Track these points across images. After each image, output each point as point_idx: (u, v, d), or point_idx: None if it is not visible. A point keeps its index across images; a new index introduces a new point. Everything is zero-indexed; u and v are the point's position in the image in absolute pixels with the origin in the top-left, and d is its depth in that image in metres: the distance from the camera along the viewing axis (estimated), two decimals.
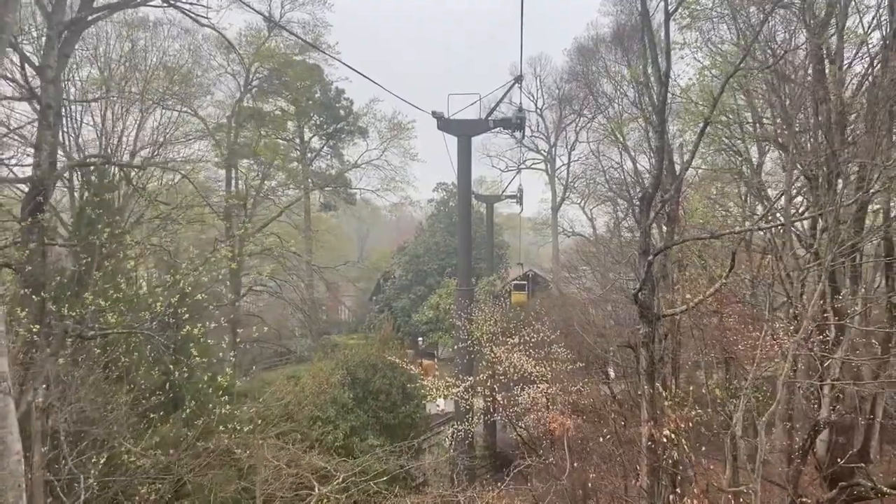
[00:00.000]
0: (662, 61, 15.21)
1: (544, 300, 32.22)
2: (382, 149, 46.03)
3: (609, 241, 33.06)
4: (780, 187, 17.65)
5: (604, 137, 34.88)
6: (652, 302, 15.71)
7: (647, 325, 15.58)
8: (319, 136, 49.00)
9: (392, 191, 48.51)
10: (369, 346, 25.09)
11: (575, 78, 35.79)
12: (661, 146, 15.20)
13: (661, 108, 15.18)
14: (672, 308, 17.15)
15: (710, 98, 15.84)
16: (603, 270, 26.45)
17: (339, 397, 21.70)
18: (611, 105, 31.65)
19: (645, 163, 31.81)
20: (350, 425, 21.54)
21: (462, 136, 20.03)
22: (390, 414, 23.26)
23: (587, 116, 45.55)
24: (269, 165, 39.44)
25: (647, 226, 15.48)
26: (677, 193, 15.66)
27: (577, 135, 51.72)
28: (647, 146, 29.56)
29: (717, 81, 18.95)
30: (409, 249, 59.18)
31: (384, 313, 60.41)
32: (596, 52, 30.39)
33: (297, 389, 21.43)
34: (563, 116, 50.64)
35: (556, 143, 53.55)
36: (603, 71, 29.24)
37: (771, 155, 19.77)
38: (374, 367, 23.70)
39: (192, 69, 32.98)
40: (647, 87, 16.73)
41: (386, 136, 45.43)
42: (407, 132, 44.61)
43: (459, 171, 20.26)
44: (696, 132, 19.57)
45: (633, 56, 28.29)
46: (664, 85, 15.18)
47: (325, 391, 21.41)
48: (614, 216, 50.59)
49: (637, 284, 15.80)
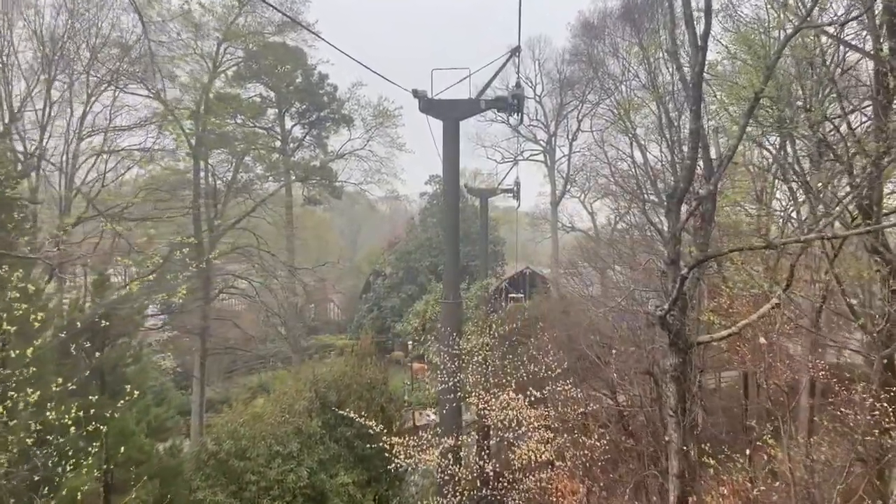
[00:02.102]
0: (699, 24, 12.02)
1: (544, 307, 29.11)
2: (367, 138, 42.52)
3: (618, 240, 29.85)
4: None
5: (611, 124, 31.66)
6: (683, 326, 12.54)
7: (678, 354, 12.42)
8: (302, 125, 45.53)
9: (377, 184, 45.05)
10: (344, 363, 21.91)
11: (578, 58, 32.48)
12: (696, 129, 11.95)
13: (697, 80, 11.93)
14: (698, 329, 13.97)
15: (758, 68, 12.57)
16: (612, 277, 23.27)
17: (306, 427, 18.48)
18: (617, 89, 28.39)
19: (655, 151, 28.69)
20: (318, 459, 18.34)
21: (448, 120, 16.72)
22: (366, 442, 20.08)
23: (591, 102, 42.22)
24: (244, 156, 35.99)
25: (679, 230, 12.28)
26: (716, 188, 12.44)
27: (579, 123, 48.30)
28: (658, 135, 26.43)
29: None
30: (400, 246, 56.00)
31: (374, 313, 57.28)
32: (602, 28, 27.13)
33: (253, 419, 18.21)
34: (565, 103, 47.15)
35: (556, 133, 50.18)
36: (610, 50, 25.98)
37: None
38: (348, 389, 20.50)
39: (154, 48, 29.52)
40: (674, 57, 13.46)
41: (371, 124, 41.92)
42: (393, 120, 41.12)
43: (445, 160, 16.99)
44: (724, 118, 16.35)
45: (644, 35, 25.04)
46: (702, 49, 11.94)
47: (288, 421, 18.19)
48: (616, 212, 47.48)
49: (663, 302, 12.62)
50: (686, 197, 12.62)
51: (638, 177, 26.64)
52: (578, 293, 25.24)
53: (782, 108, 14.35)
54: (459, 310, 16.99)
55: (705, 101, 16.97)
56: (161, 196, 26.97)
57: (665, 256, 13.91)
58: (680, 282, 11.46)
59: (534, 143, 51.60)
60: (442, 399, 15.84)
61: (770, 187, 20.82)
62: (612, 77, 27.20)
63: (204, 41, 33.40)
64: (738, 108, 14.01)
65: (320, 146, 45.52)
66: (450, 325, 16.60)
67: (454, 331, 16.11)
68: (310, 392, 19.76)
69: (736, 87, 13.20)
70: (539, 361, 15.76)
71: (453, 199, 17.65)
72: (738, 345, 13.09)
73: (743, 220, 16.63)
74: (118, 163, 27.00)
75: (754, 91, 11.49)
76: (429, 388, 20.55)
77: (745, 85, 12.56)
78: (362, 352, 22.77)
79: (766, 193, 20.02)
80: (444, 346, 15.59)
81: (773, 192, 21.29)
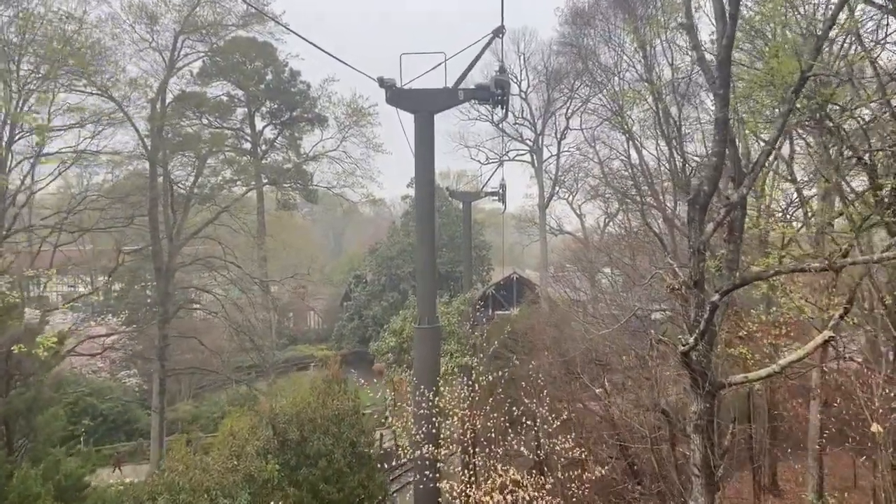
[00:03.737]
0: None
1: (534, 319, 26.66)
2: (340, 138, 39.75)
3: (612, 246, 27.49)
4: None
5: (603, 121, 29.33)
6: (710, 364, 10.13)
7: (704, 399, 9.99)
8: (273, 126, 42.76)
9: (351, 187, 42.33)
10: (310, 391, 19.27)
11: (567, 48, 30.05)
12: (723, 119, 9.56)
13: (724, 57, 9.56)
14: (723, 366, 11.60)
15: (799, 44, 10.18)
16: (608, 287, 20.89)
17: (259, 473, 15.83)
18: (610, 82, 26.03)
19: (651, 149, 26.38)
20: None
21: (421, 113, 14.19)
22: (335, 486, 17.46)
23: (580, 98, 39.75)
24: (207, 158, 33.19)
25: (704, 243, 9.86)
26: (748, 192, 10.03)
27: (567, 120, 45.74)
28: (656, 131, 24.11)
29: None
30: (382, 251, 53.34)
31: (354, 322, 54.64)
32: (594, 15, 24.72)
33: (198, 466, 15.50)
34: (553, 99, 44.61)
35: (544, 132, 47.68)
36: (603, 37, 23.59)
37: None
38: (311, 424, 17.87)
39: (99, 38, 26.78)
40: (690, 32, 11.04)
41: (344, 123, 39.18)
42: (368, 118, 38.40)
43: (418, 160, 14.50)
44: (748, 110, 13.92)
45: (641, 22, 22.69)
46: (732, 20, 9.65)
47: (237, 468, 15.52)
48: (606, 213, 45.20)
49: (682, 333, 10.21)
50: (710, 204, 10.22)
51: (635, 177, 24.35)
52: (573, 311, 22.79)
53: (827, 93, 11.95)
54: (436, 336, 14.49)
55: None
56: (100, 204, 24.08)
57: (681, 274, 11.47)
58: (710, 311, 9.05)
59: (520, 143, 49.09)
60: (416, 479, 13.19)
61: (770, 187, 18.55)
62: (604, 69, 24.82)
63: (160, 34, 30.66)
64: (764, 93, 11.61)
65: (293, 148, 42.76)
66: (424, 354, 14.09)
67: (429, 369, 13.56)
68: (266, 430, 17.11)
69: (767, 68, 10.80)
70: (532, 412, 13.27)
71: (427, 205, 15.15)
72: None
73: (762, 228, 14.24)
74: (56, 168, 24.13)
75: (801, 69, 9.13)
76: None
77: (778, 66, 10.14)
78: (330, 377, 20.12)
79: (766, 193, 17.75)
80: (416, 398, 12.98)
81: (772, 191, 19.04)
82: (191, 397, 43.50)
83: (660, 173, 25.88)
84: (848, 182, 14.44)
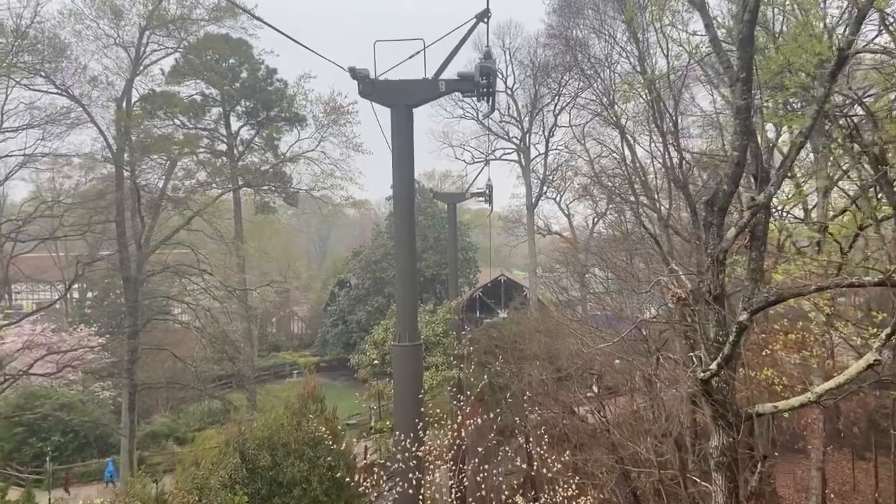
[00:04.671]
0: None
1: (524, 327, 25.26)
2: (318, 138, 38.04)
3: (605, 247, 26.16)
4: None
5: (594, 116, 28.04)
6: (732, 392, 8.80)
7: (727, 432, 8.65)
8: (250, 126, 41.01)
9: (330, 189, 40.64)
10: (283, 414, 17.69)
11: (556, 40, 28.66)
12: (746, 106, 8.23)
13: (748, 33, 8.32)
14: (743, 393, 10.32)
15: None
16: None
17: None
18: (600, 76, 24.67)
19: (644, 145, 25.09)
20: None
21: (398, 107, 12.73)
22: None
23: (569, 94, 38.38)
24: (177, 161, 31.47)
25: (724, 251, 8.52)
26: (776, 192, 8.70)
27: (556, 117, 44.32)
28: (653, 125, 22.80)
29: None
30: (366, 255, 51.77)
31: (339, 328, 53.07)
32: (584, 4, 23.37)
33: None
34: (540, 95, 43.19)
35: (531, 129, 46.29)
36: (594, 26, 22.22)
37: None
38: (285, 448, 16.38)
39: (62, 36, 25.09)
40: (702, 10, 9.73)
41: (322, 121, 37.49)
42: (348, 117, 36.78)
43: (395, 159, 13.10)
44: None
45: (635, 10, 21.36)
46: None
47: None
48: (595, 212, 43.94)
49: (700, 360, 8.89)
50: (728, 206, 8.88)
51: (629, 174, 23.02)
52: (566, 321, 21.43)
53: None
54: (418, 354, 13.03)
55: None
56: (58, 211, 22.36)
57: (688, 282, 10.10)
58: (736, 333, 7.70)
59: (506, 141, 47.70)
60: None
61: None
62: (595, 60, 23.48)
63: (125, 30, 28.89)
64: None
65: (271, 149, 41.05)
66: (405, 375, 12.63)
67: (410, 394, 12.07)
68: (233, 457, 15.58)
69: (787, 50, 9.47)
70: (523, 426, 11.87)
71: (407, 208, 13.71)
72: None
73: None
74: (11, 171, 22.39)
75: (838, 47, 7.80)
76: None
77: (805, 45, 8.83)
78: (305, 395, 18.59)
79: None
80: (399, 437, 11.40)
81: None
82: (169, 409, 41.79)
83: (654, 171, 24.63)
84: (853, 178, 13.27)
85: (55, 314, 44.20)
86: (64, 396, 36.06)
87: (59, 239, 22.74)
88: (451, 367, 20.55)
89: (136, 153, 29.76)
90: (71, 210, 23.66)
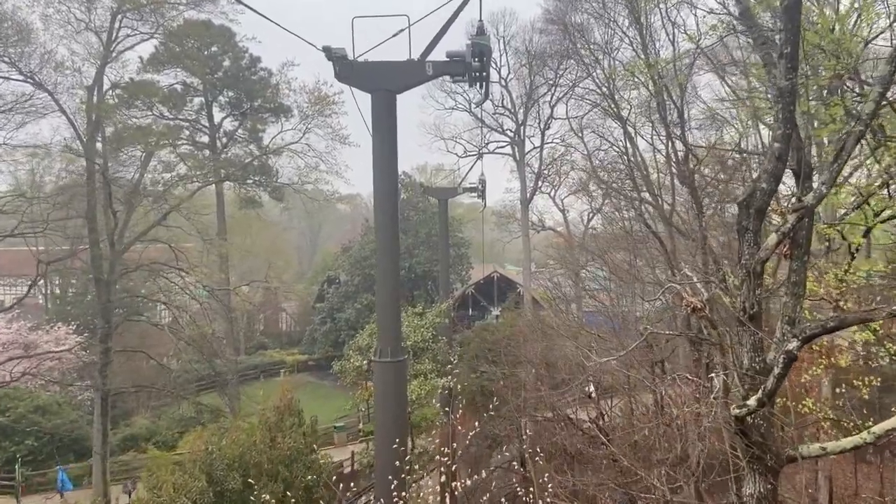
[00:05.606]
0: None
1: (517, 328, 23.92)
2: (303, 129, 36.26)
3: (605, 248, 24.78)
4: None
5: (593, 107, 26.63)
6: (771, 431, 7.43)
7: (765, 477, 7.29)
8: (233, 117, 39.32)
9: (314, 183, 38.98)
10: (259, 426, 16.25)
11: (554, 25, 27.12)
12: (791, 88, 6.78)
13: None
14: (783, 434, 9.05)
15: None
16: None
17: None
18: (599, 64, 23.22)
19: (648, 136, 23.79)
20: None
21: (379, 92, 11.25)
22: None
23: (566, 83, 36.85)
24: (153, 153, 29.82)
25: (763, 262, 7.11)
26: (827, 192, 7.31)
27: (552, 109, 42.70)
28: (657, 116, 21.43)
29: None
30: (355, 250, 50.25)
31: (327, 325, 51.60)
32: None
33: None
34: (536, 86, 41.57)
35: (526, 122, 44.76)
36: (595, 10, 20.75)
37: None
38: (257, 468, 14.95)
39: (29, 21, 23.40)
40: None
41: (307, 112, 35.75)
42: (333, 107, 35.05)
43: (376, 151, 11.67)
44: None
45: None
46: None
47: None
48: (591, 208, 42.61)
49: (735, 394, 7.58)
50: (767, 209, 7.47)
51: (630, 169, 21.65)
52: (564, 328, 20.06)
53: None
54: (401, 371, 11.55)
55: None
56: (17, 205, 20.76)
57: (703, 290, 8.74)
58: (784, 364, 6.31)
59: (500, 134, 46.14)
60: None
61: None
62: (595, 47, 22.04)
63: (96, 13, 27.14)
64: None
65: (255, 141, 39.39)
66: (386, 393, 11.17)
67: (392, 417, 10.63)
68: (200, 479, 14.14)
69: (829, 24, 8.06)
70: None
71: (389, 207, 12.23)
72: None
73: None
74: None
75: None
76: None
77: None
78: (283, 407, 17.15)
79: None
80: (379, 464, 9.98)
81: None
82: (150, 410, 40.31)
83: (656, 165, 23.27)
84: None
85: (34, 311, 42.59)
86: (39, 398, 34.59)
87: (16, 237, 21.16)
88: (440, 376, 19.17)
89: (109, 144, 28.12)
90: (34, 205, 22.07)
